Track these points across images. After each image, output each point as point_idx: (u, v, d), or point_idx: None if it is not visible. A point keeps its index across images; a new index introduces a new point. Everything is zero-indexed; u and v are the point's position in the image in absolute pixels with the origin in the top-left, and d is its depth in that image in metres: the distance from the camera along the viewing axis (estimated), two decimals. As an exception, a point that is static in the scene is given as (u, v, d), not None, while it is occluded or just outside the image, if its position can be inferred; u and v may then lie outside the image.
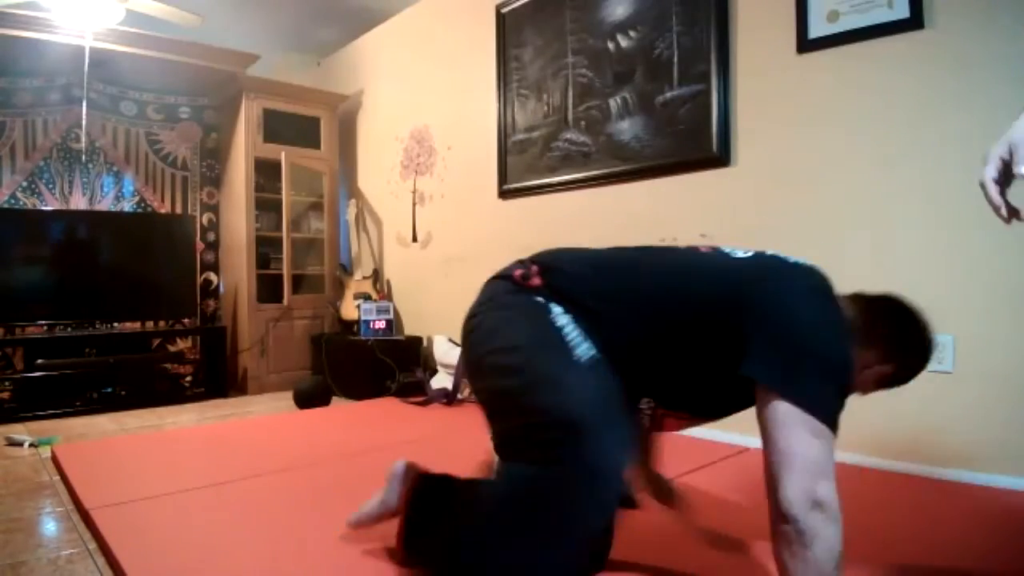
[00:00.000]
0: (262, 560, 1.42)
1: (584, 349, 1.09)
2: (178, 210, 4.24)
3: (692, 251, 1.23)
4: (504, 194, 3.37)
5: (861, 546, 1.44)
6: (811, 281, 1.10)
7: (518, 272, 1.22)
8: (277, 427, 2.89)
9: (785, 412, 0.95)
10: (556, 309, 1.13)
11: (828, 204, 2.20)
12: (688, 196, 2.59)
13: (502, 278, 1.25)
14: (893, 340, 1.13)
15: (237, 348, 4.08)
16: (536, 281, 1.18)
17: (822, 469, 0.93)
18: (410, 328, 4.01)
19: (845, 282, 2.21)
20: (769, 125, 2.36)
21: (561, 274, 1.19)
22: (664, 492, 1.46)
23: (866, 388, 1.17)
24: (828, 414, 0.96)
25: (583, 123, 2.96)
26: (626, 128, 2.79)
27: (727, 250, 1.19)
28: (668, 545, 1.44)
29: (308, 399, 3.41)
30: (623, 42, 2.79)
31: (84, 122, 3.80)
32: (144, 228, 4.02)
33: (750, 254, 1.17)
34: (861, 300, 1.17)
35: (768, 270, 1.12)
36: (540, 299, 1.16)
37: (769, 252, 1.19)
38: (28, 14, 3.19)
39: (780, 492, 0.92)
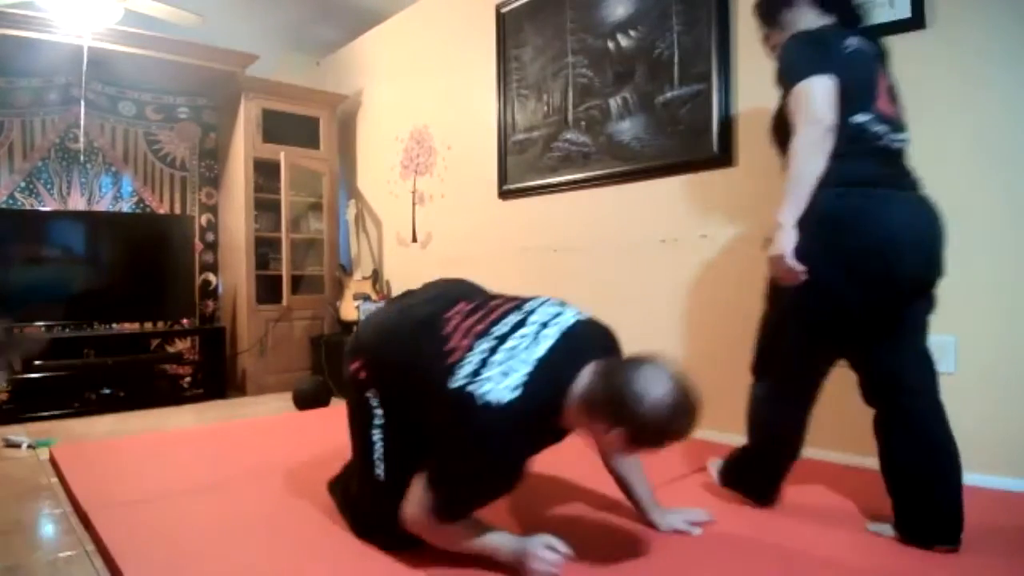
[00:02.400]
0: (261, 561, 1.41)
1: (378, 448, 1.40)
2: (177, 210, 4.23)
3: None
4: (504, 194, 3.36)
5: (860, 546, 1.43)
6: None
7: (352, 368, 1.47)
8: (276, 428, 2.88)
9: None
10: (376, 412, 1.42)
11: (829, 204, 2.20)
12: (688, 196, 2.59)
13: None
14: (608, 408, 1.20)
15: (236, 349, 4.08)
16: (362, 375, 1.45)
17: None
18: (410, 329, 4.00)
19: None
20: (769, 125, 2.35)
21: (372, 359, 1.45)
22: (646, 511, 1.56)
23: (625, 449, 1.27)
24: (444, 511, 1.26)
25: (583, 123, 2.96)
26: (626, 128, 2.78)
27: (535, 313, 1.37)
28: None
29: (307, 400, 3.40)
30: (623, 42, 2.78)
31: (82, 122, 3.79)
32: (143, 229, 4.01)
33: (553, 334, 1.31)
34: (605, 366, 1.26)
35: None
36: (368, 399, 1.43)
37: (569, 325, 1.33)
38: (27, 14, 3.18)
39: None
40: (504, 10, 3.33)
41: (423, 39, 3.93)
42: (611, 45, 2.83)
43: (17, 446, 2.56)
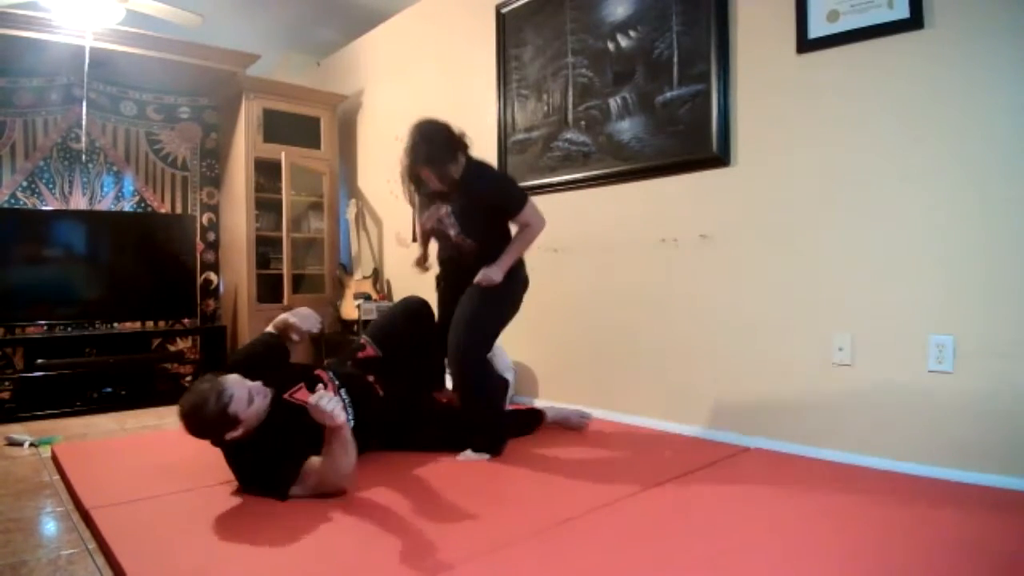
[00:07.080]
0: (261, 560, 1.42)
1: None
2: (178, 210, 4.24)
3: None
4: (504, 194, 3.36)
5: (859, 546, 1.44)
6: None
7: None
8: (277, 427, 2.89)
9: None
10: None
11: (827, 204, 2.20)
12: (688, 196, 2.59)
13: None
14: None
15: (237, 348, 4.08)
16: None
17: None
18: (410, 328, 4.00)
19: (842, 282, 2.20)
20: (769, 125, 2.35)
21: None
22: None
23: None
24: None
25: (583, 123, 2.96)
26: (626, 128, 2.79)
27: None
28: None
29: (308, 399, 3.40)
30: (623, 42, 2.79)
31: (84, 122, 3.80)
32: (144, 228, 4.02)
33: None
34: None
35: None
36: None
37: None
38: (28, 14, 3.19)
39: None
40: (504, 10, 3.33)
41: (423, 39, 3.93)
42: (611, 45, 2.83)
43: (19, 444, 2.57)
